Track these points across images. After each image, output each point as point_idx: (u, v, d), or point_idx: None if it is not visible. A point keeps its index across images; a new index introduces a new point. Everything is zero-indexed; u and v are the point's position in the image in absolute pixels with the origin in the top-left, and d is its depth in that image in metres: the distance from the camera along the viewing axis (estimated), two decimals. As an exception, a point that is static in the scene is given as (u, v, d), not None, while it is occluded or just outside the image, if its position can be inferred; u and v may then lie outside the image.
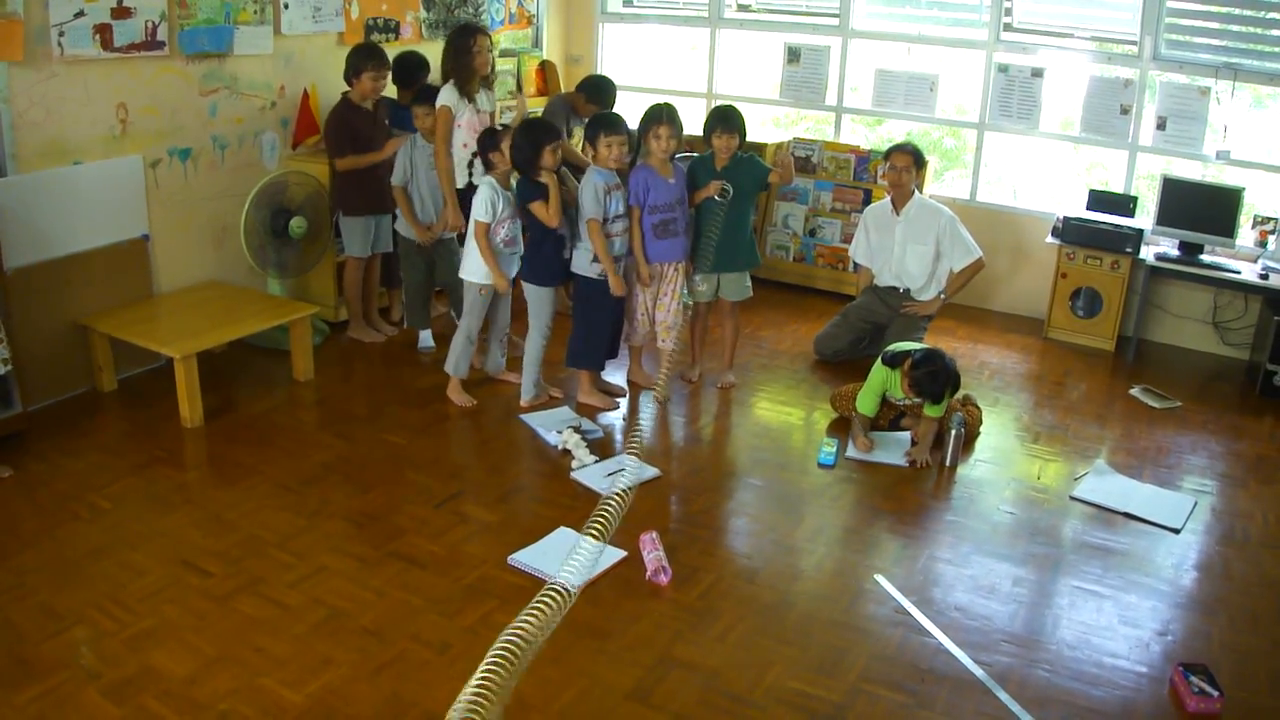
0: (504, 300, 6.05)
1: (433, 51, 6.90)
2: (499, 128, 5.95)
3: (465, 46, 6.22)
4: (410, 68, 6.87)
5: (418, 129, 6.40)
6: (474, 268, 5.81)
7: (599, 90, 7.23)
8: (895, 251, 6.62)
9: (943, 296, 6.63)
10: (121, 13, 5.70)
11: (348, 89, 6.50)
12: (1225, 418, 6.31)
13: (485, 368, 6.25)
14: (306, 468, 5.25)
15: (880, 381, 5.62)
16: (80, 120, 5.71)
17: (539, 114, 7.42)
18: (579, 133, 7.11)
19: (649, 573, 4.38)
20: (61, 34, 5.45)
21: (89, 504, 4.80)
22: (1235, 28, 7.08)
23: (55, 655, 3.78)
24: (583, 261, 5.75)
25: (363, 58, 6.45)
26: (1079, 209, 7.41)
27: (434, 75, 6.80)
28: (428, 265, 6.60)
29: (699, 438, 5.87)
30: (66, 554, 4.40)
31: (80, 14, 5.50)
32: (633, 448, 5.18)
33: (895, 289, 6.71)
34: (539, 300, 5.88)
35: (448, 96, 6.24)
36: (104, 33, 5.64)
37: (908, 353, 5.53)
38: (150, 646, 3.85)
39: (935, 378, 5.40)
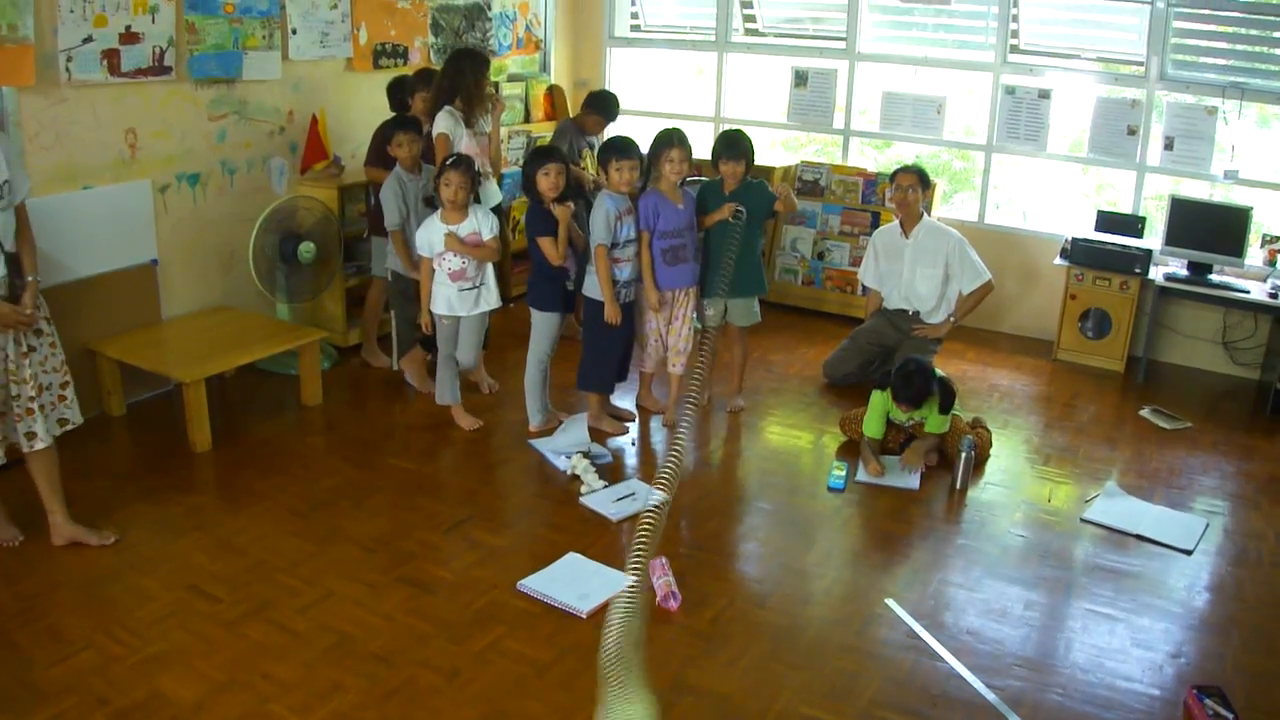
0: (471, 332, 5.87)
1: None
2: (449, 159, 5.72)
3: (478, 76, 6.21)
4: (408, 91, 6.81)
5: (396, 157, 6.12)
6: (434, 297, 5.80)
7: (602, 102, 7.34)
8: (904, 274, 6.61)
9: (952, 319, 6.61)
10: (130, 38, 5.72)
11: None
12: (1236, 438, 6.29)
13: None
14: (315, 493, 5.25)
15: (880, 404, 5.66)
16: (90, 145, 5.72)
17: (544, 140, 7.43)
18: (589, 156, 7.12)
19: (659, 598, 4.36)
20: (69, 59, 5.48)
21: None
22: (1241, 47, 7.08)
23: (63, 680, 3.77)
24: (595, 286, 5.74)
25: (419, 80, 6.58)
26: (1087, 230, 7.39)
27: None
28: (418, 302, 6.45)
29: (708, 462, 5.86)
30: (75, 578, 4.39)
31: (89, 39, 5.53)
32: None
33: (904, 312, 6.70)
34: (539, 326, 5.85)
35: (445, 124, 6.18)
36: (111, 58, 5.67)
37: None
38: (158, 672, 3.84)
39: (909, 380, 5.49)
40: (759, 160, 6.23)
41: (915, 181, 6.46)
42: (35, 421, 4.41)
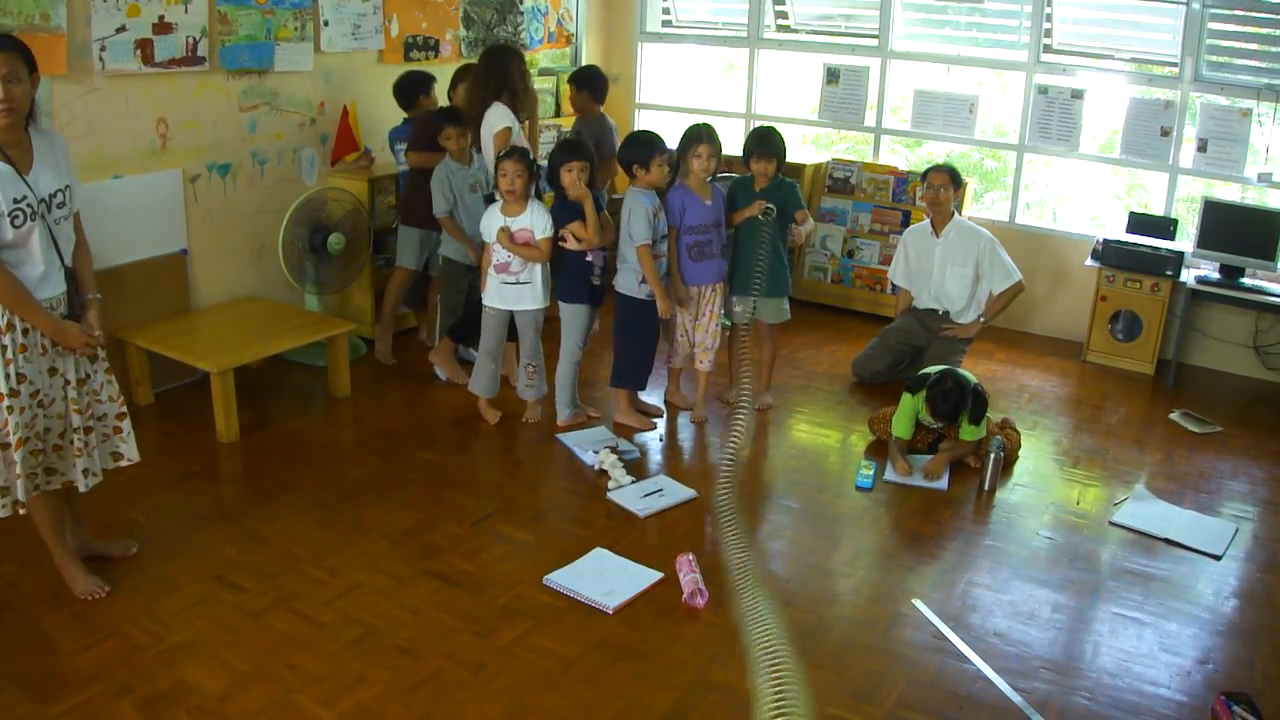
0: (528, 326, 5.87)
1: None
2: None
3: (522, 70, 6.24)
4: (410, 88, 6.79)
5: (448, 149, 6.20)
6: (486, 288, 5.83)
7: (588, 79, 7.54)
8: (935, 274, 6.58)
9: (982, 319, 6.58)
10: (163, 28, 5.74)
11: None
12: (1267, 443, 6.23)
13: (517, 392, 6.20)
14: (342, 484, 5.26)
15: (910, 406, 5.62)
16: (121, 134, 5.75)
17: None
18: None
19: (685, 595, 4.35)
20: (103, 49, 5.50)
21: (124, 517, 4.81)
22: (1276, 49, 7.00)
23: (89, 667, 3.79)
24: (629, 282, 5.73)
25: (461, 71, 6.70)
26: (1119, 232, 7.35)
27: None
28: (470, 289, 6.44)
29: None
30: (101, 567, 4.39)
31: (122, 29, 5.55)
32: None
33: (934, 311, 6.66)
34: (569, 318, 5.86)
35: (506, 118, 6.20)
36: (145, 48, 5.69)
37: (928, 376, 5.56)
38: (183, 661, 3.85)
39: (947, 397, 5.45)
40: (789, 157, 6.20)
41: (947, 180, 6.42)
42: (88, 458, 4.12)
